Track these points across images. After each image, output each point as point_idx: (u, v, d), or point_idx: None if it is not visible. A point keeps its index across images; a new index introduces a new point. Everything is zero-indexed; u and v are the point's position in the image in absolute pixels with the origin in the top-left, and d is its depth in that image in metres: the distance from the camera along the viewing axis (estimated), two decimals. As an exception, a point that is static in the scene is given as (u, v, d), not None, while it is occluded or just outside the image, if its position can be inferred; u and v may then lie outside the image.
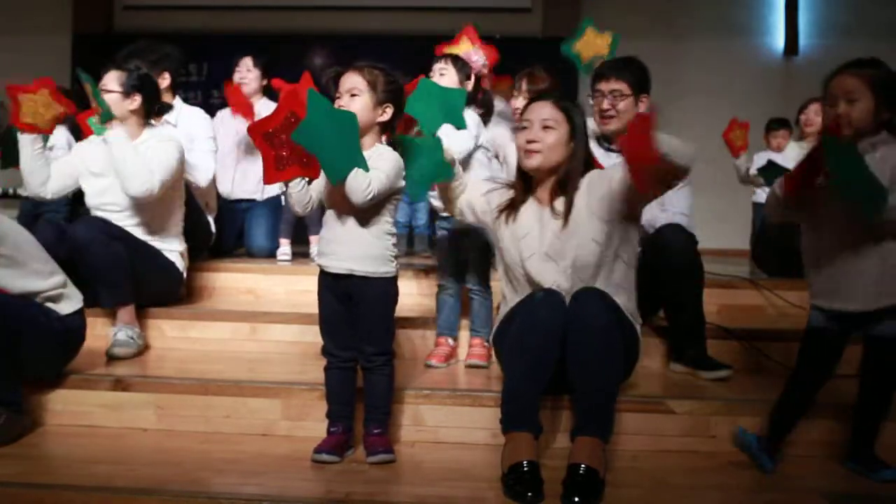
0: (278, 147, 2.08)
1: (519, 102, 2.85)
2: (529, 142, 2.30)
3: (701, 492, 2.00)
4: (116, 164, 2.83)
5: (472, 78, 2.83)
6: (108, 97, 2.90)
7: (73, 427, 2.38)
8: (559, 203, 2.31)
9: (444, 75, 2.77)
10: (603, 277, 2.28)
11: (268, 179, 2.12)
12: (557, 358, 2.09)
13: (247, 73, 4.14)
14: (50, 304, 2.41)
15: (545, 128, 2.29)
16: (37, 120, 2.80)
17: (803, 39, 6.88)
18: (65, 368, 2.45)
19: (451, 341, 2.77)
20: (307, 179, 2.15)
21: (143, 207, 2.92)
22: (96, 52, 6.96)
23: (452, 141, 2.58)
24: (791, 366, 2.59)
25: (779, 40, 6.98)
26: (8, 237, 2.34)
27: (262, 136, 2.08)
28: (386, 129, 2.20)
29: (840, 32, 6.52)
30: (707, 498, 1.97)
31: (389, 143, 2.21)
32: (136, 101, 2.95)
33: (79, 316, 2.49)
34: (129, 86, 2.93)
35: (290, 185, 2.13)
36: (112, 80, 2.94)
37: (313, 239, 4.02)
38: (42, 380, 2.41)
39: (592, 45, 3.40)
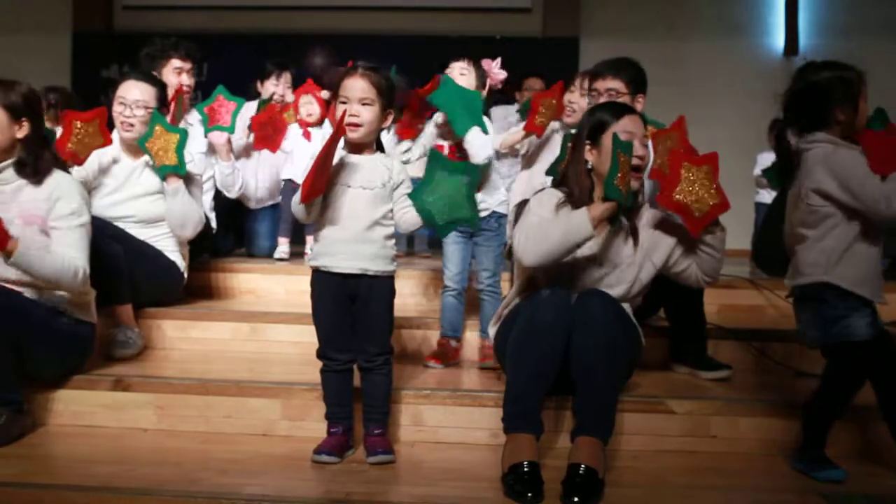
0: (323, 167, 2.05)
1: (576, 97, 2.95)
2: (641, 158, 2.22)
3: (701, 492, 2.00)
4: (175, 214, 2.88)
5: (486, 88, 2.81)
6: (143, 112, 2.88)
7: (73, 427, 2.38)
8: (619, 225, 2.28)
9: (465, 76, 2.73)
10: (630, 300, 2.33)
11: (309, 196, 2.07)
12: (561, 357, 2.09)
13: (286, 91, 4.06)
14: (70, 307, 2.41)
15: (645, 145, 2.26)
16: (79, 149, 2.81)
17: (803, 39, 6.89)
18: (68, 371, 2.44)
19: (454, 342, 2.77)
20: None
21: (154, 220, 2.94)
22: (96, 51, 7.03)
23: (475, 146, 2.58)
24: (791, 366, 2.61)
25: (779, 40, 6.99)
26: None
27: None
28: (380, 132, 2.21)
29: (840, 32, 6.53)
30: (707, 498, 1.97)
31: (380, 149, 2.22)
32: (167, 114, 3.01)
33: (89, 327, 2.50)
34: (160, 100, 2.94)
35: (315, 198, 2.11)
36: (150, 96, 2.92)
37: (310, 239, 4.03)
38: (44, 381, 2.41)
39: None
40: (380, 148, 2.23)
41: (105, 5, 7.29)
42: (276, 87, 4.08)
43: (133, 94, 2.89)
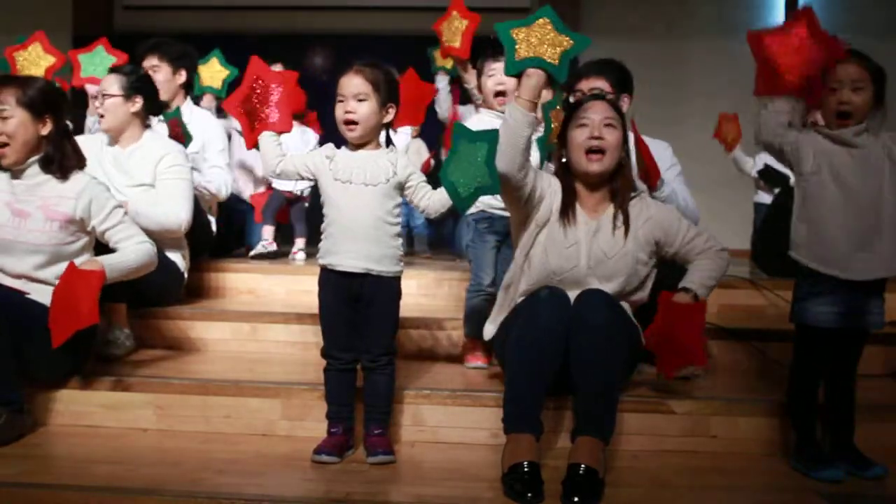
0: (251, 113, 2.24)
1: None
2: (595, 138, 2.22)
3: (701, 492, 2.00)
4: (147, 226, 2.71)
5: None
6: (108, 101, 2.90)
7: (73, 427, 2.38)
8: (609, 215, 2.27)
9: (493, 76, 2.70)
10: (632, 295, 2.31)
11: (248, 142, 2.28)
12: (561, 357, 2.09)
13: None
14: None
15: (608, 125, 2.24)
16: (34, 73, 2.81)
17: (803, 39, 6.89)
18: (68, 372, 2.44)
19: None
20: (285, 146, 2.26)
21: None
22: (96, 52, 7.02)
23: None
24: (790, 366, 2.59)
25: (779, 40, 6.98)
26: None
27: (238, 107, 2.25)
28: (386, 127, 2.21)
29: (840, 32, 6.52)
30: (707, 498, 1.97)
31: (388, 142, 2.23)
32: (138, 103, 2.96)
33: (89, 327, 2.48)
34: (129, 88, 2.93)
35: (262, 140, 2.21)
36: (112, 84, 2.93)
37: (298, 242, 4.07)
38: (44, 381, 2.41)
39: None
40: (388, 142, 2.23)
41: (105, 5, 7.29)
42: None
43: (100, 87, 2.95)
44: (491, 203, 2.64)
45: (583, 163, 2.25)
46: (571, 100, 2.74)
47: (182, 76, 3.64)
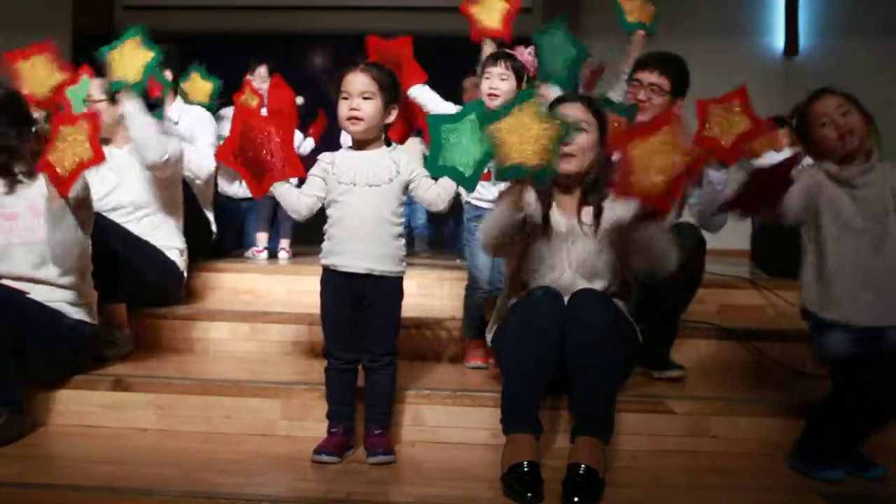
0: (251, 162, 2.11)
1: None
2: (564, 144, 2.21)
3: (701, 492, 2.00)
4: (136, 132, 2.83)
5: (525, 79, 2.72)
6: (95, 107, 2.91)
7: (73, 427, 2.38)
8: (586, 215, 2.27)
9: (506, 80, 2.66)
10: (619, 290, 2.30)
11: (255, 193, 2.16)
12: (557, 358, 2.09)
13: (261, 84, 4.14)
14: (70, 307, 2.43)
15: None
16: (35, 89, 2.73)
17: (803, 39, 6.88)
18: (67, 372, 2.44)
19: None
20: (293, 181, 2.20)
21: (145, 206, 2.93)
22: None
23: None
24: (791, 366, 2.61)
25: (779, 40, 6.97)
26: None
27: (232, 158, 2.12)
28: (387, 129, 2.21)
29: (840, 32, 6.51)
30: (707, 498, 1.97)
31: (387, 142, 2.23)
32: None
33: (90, 327, 2.50)
34: (113, 92, 2.92)
35: (277, 191, 2.14)
36: (96, 89, 2.94)
37: (283, 242, 4.08)
38: (44, 381, 2.41)
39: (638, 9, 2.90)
40: (387, 142, 2.23)
41: (105, 5, 7.28)
42: (254, 80, 4.18)
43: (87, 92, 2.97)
44: (481, 194, 2.69)
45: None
46: (626, 88, 2.83)
47: (166, 76, 3.64)
